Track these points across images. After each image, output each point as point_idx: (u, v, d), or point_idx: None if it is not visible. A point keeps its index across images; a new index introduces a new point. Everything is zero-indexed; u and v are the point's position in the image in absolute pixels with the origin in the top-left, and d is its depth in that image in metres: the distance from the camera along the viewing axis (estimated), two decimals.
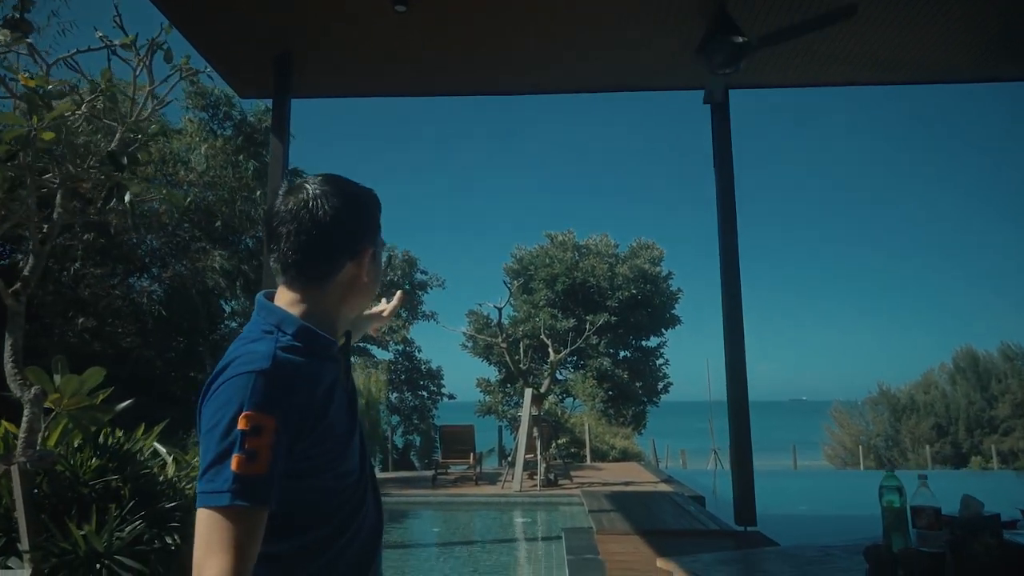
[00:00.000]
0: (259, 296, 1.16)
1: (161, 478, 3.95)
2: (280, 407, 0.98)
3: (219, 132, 13.05)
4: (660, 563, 2.53)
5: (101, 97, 3.12)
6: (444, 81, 7.91)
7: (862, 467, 21.21)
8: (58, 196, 3.63)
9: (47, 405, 3.45)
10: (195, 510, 0.96)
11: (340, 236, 1.12)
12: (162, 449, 5.58)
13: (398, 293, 1.69)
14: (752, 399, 7.11)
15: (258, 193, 12.64)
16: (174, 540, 3.24)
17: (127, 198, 2.95)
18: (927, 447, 23.45)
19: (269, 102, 8.03)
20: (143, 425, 4.53)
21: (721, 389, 7.16)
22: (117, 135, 3.71)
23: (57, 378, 3.49)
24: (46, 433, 3.49)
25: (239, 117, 12.94)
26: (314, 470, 1.05)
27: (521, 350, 11.54)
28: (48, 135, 3.12)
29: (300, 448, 1.01)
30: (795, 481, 14.28)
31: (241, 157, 12.61)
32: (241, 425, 0.95)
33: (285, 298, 1.13)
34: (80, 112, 3.10)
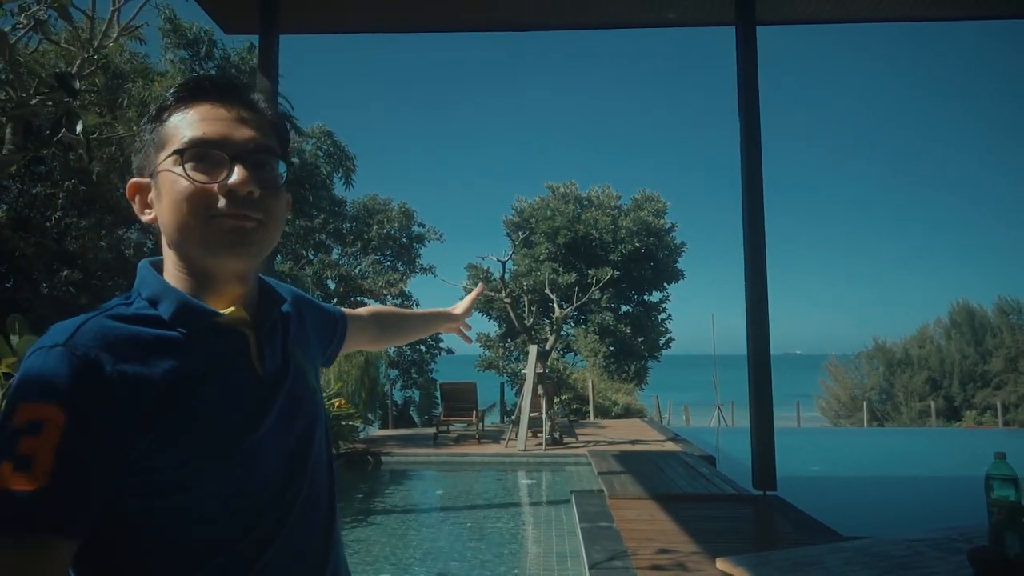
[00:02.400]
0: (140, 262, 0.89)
1: None
2: (80, 393, 0.69)
3: (201, 73, 12.37)
4: (720, 564, 2.15)
5: (47, 7, 2.61)
6: (444, 15, 7.31)
7: (865, 423, 21.15)
8: (7, 128, 3.15)
9: (4, 370, 3.03)
10: None
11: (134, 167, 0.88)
12: None
13: (478, 286, 1.55)
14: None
15: None
16: None
17: (79, 128, 2.47)
18: (931, 403, 23.40)
19: (255, 39, 7.46)
20: None
21: (726, 343, 6.83)
22: (78, 60, 3.21)
23: (15, 339, 3.06)
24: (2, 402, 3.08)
25: (222, 56, 12.22)
26: (167, 483, 0.73)
27: (526, 305, 11.13)
28: None
29: (136, 449, 0.71)
30: (801, 439, 14.12)
31: None
32: (15, 421, 0.67)
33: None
34: (21, 23, 2.60)
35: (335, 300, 20.20)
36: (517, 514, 6.80)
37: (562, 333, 19.91)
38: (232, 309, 0.85)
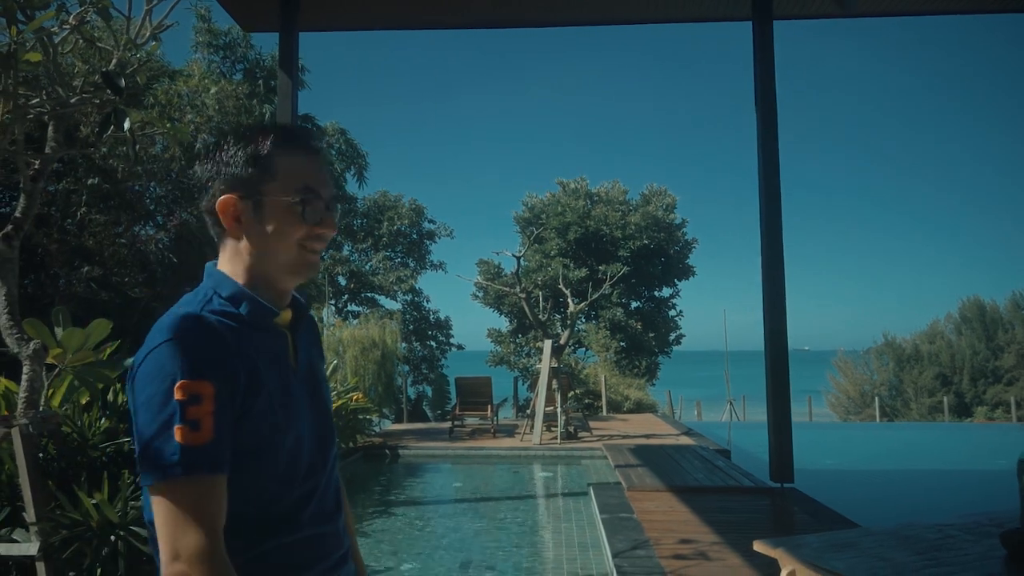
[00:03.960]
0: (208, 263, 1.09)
1: None
2: (217, 372, 0.92)
3: (230, 75, 12.45)
4: (758, 546, 2.21)
5: (91, 9, 2.68)
6: (458, 11, 7.36)
7: (878, 418, 21.11)
8: (49, 127, 3.23)
9: (49, 361, 3.12)
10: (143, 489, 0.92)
11: (208, 190, 1.04)
12: None
13: None
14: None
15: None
16: None
17: (126, 125, 2.54)
18: (943, 399, 23.32)
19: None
20: None
21: (736, 339, 6.88)
22: (114, 58, 3.28)
23: (59, 331, 3.15)
24: (50, 392, 3.17)
25: (255, 59, 12.30)
26: (249, 450, 0.96)
27: (541, 300, 11.20)
28: (34, 56, 2.70)
29: (241, 420, 0.95)
30: (815, 433, 14.13)
31: (255, 102, 12.05)
32: (178, 396, 0.89)
33: (221, 258, 1.07)
34: (68, 24, 2.67)
35: (346, 296, 20.32)
36: (535, 506, 6.88)
37: (574, 328, 19.98)
38: (286, 312, 1.07)
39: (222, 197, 1.01)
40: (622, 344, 18.75)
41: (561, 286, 12.04)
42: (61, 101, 3.09)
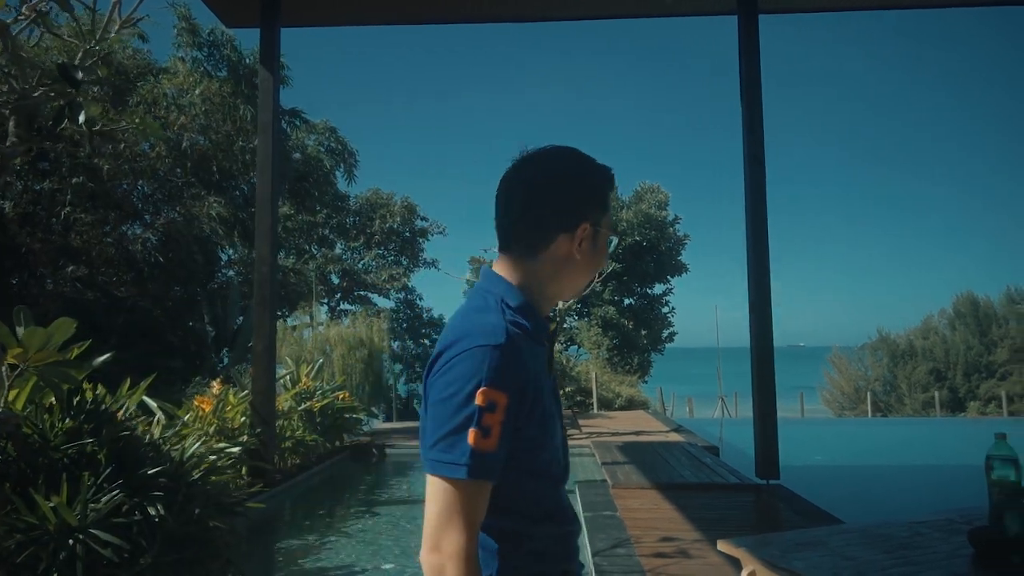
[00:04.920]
0: (484, 267, 1.21)
1: (147, 439, 3.60)
2: (512, 384, 0.99)
3: (215, 74, 12.33)
4: (721, 545, 2.16)
5: (49, 1, 2.62)
6: (446, 7, 7.29)
7: (869, 414, 21.13)
8: (11, 122, 3.16)
9: (11, 361, 3.05)
10: (425, 474, 1.00)
11: (553, 207, 1.10)
12: (152, 404, 5.24)
13: None
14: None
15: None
16: (158, 511, 2.89)
17: (82, 118, 2.48)
18: (935, 394, 23.36)
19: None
20: (128, 379, 4.16)
21: (728, 336, 6.84)
22: (79, 54, 3.21)
23: (20, 331, 3.08)
24: (14, 393, 3.11)
25: (237, 59, 12.20)
26: (525, 453, 1.05)
27: None
28: None
29: (520, 429, 1.03)
30: (805, 429, 14.12)
31: (239, 101, 11.95)
32: (479, 400, 0.97)
33: (501, 268, 1.14)
34: (24, 15, 2.61)
35: (339, 295, 20.25)
36: None
37: (565, 326, 19.90)
38: (553, 325, 1.18)
39: (583, 223, 1.10)
40: (614, 341, 18.71)
41: None
42: (22, 94, 3.03)
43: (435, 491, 0.97)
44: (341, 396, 8.26)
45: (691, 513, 5.35)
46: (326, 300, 19.78)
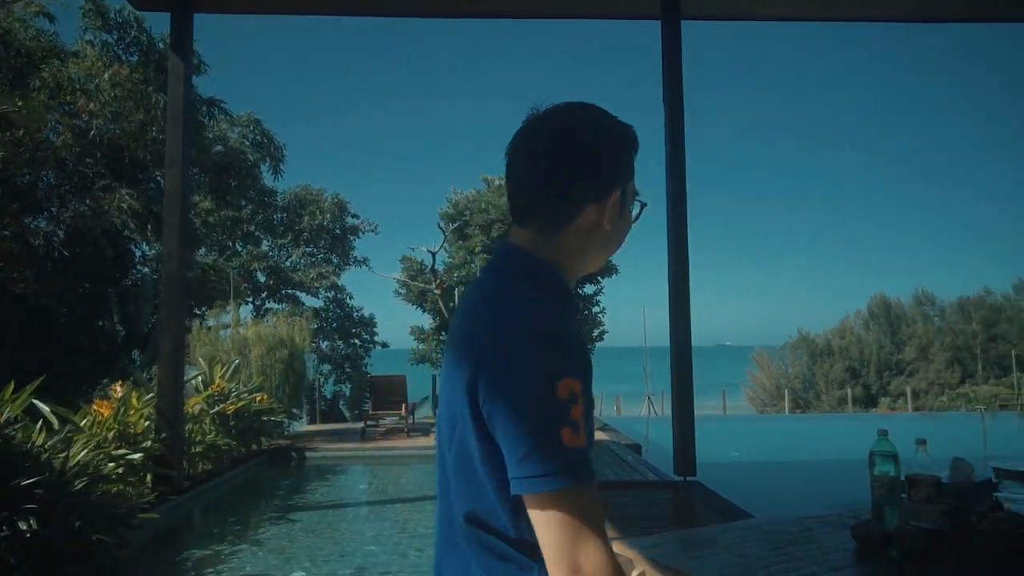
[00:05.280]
0: (500, 244, 1.03)
1: (27, 447, 3.33)
2: (579, 368, 0.89)
3: (125, 59, 11.68)
4: (617, 547, 2.14)
5: None
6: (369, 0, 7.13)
7: (787, 410, 22.00)
8: None
9: None
10: (521, 494, 0.85)
11: (584, 175, 0.98)
12: (45, 409, 4.90)
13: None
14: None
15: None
16: (30, 525, 2.67)
17: None
18: (848, 391, 24.52)
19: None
20: (12, 383, 3.86)
21: (657, 335, 6.97)
22: None
23: None
24: None
25: (149, 43, 11.60)
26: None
27: (456, 297, 10.99)
28: None
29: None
30: (726, 426, 14.56)
31: (151, 88, 11.35)
32: (562, 393, 0.85)
33: (523, 243, 1.00)
34: None
35: (264, 293, 19.62)
36: None
37: None
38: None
39: (615, 190, 1.00)
40: None
41: None
42: None
43: (549, 512, 0.83)
44: (259, 398, 7.97)
45: (608, 512, 5.37)
46: (251, 299, 19.14)
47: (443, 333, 19.15)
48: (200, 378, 7.72)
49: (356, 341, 20.62)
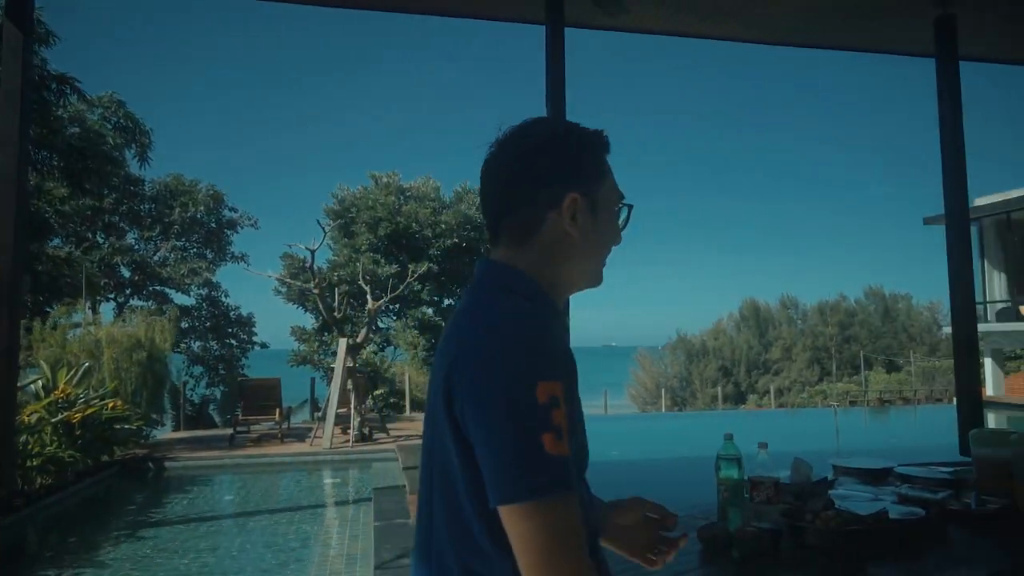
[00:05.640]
0: (478, 263, 1.02)
1: None
2: (562, 370, 0.83)
3: None
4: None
5: None
6: None
7: (663, 408, 22.98)
8: None
9: None
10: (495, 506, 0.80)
11: (535, 183, 0.97)
12: None
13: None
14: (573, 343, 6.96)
15: None
16: None
17: None
18: (719, 389, 25.95)
19: None
20: None
21: None
22: None
23: None
24: None
25: None
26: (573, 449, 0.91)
27: (336, 296, 10.60)
28: None
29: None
30: (607, 425, 14.97)
31: None
32: (541, 397, 0.79)
33: (508, 254, 0.98)
34: None
35: (129, 290, 18.16)
36: (314, 516, 6.44)
37: (381, 327, 19.47)
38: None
39: (571, 194, 0.95)
40: (432, 341, 18.63)
41: (361, 282, 11.55)
42: None
43: (528, 524, 0.78)
44: (111, 404, 7.30)
45: None
46: (113, 295, 17.68)
47: (325, 334, 18.52)
48: (40, 383, 6.97)
49: (232, 342, 19.55)
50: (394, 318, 19.49)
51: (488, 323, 0.87)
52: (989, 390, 14.30)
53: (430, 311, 19.30)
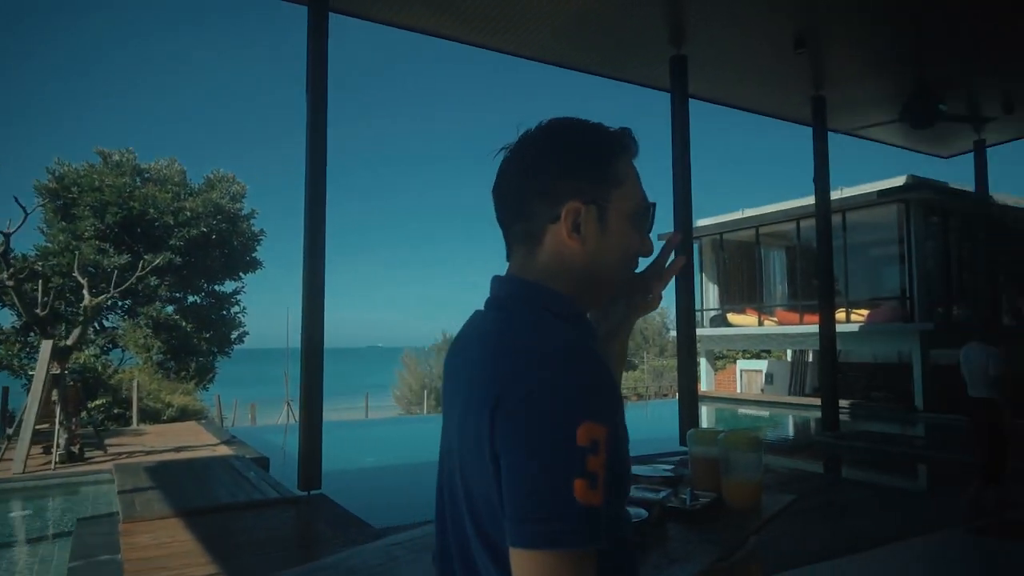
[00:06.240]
0: (494, 280, 0.93)
1: None
2: (609, 412, 0.76)
3: None
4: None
5: None
6: None
7: (426, 410, 23.12)
8: None
9: None
10: (506, 545, 0.74)
11: (528, 192, 0.89)
12: None
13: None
14: (332, 345, 6.59)
15: None
16: None
17: None
18: None
19: None
20: None
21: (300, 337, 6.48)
22: None
23: None
24: None
25: None
26: (621, 475, 0.85)
27: (40, 290, 8.80)
28: None
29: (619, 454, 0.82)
30: (367, 430, 14.57)
31: None
32: (581, 440, 0.72)
33: (526, 267, 0.90)
34: None
35: None
36: None
37: (107, 326, 16.95)
38: None
39: (570, 203, 0.87)
40: (171, 343, 16.63)
41: (76, 274, 9.80)
42: None
43: (536, 571, 0.71)
44: None
45: (216, 541, 4.72)
46: None
47: (30, 334, 15.57)
48: None
49: None
50: (123, 317, 17.08)
51: (531, 353, 0.79)
52: (704, 385, 16.52)
53: (170, 309, 17.25)
